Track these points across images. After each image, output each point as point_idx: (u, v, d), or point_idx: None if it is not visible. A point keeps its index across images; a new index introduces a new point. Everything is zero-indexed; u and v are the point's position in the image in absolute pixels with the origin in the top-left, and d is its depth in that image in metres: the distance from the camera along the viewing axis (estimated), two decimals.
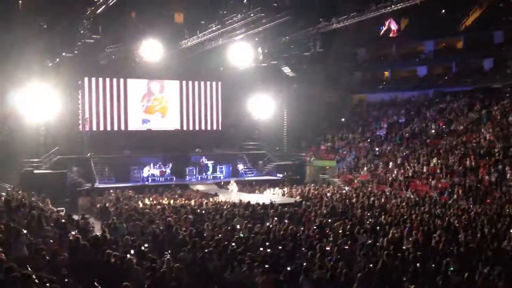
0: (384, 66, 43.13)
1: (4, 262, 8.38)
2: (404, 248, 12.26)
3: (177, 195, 25.28)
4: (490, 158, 25.52)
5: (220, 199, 23.17)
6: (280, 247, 12.13)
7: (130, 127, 33.51)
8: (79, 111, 31.31)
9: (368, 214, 18.07)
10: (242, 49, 29.30)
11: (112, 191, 25.27)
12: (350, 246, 12.36)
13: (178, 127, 35.49)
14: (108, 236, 13.40)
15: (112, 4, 21.62)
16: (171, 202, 22.20)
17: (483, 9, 35.47)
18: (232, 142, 36.69)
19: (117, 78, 32.91)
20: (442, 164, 26.91)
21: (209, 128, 36.76)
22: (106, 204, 21.09)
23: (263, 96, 35.63)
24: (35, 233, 13.01)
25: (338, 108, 41.56)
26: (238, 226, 15.26)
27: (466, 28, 36.81)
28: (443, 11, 37.81)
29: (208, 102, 36.53)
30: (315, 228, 14.88)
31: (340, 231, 14.32)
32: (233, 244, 12.38)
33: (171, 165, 30.87)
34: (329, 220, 16.54)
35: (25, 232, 11.84)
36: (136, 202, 22.21)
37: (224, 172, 32.47)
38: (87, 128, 31.57)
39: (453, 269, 10.26)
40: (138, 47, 26.89)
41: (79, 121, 31.19)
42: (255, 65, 32.63)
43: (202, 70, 34.61)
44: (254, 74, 33.73)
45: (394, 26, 26.49)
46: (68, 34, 25.33)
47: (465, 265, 10.62)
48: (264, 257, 11.28)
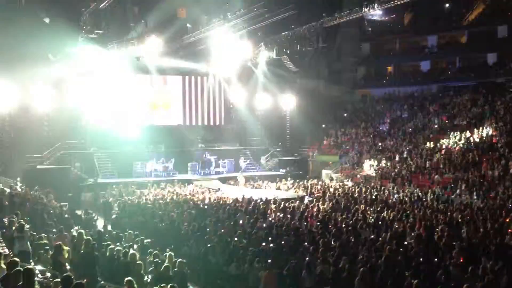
0: (388, 61, 43.00)
1: (7, 257, 8.42)
2: (407, 243, 12.26)
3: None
4: (494, 153, 25.47)
5: (223, 195, 23.20)
6: (283, 242, 12.13)
7: (133, 122, 33.44)
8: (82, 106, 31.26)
9: (371, 209, 18.06)
10: (245, 44, 29.25)
11: (115, 186, 25.31)
12: (353, 241, 12.36)
13: (181, 122, 35.44)
14: (111, 231, 13.48)
15: None
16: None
17: (487, 4, 35.37)
18: (235, 137, 36.68)
19: (120, 73, 32.80)
20: (445, 159, 26.85)
21: (212, 123, 36.73)
22: (109, 199, 21.15)
23: (266, 91, 35.56)
24: (38, 228, 13.09)
25: (341, 103, 41.52)
26: (241, 221, 15.30)
27: (470, 23, 36.71)
28: (447, 6, 37.72)
29: (211, 97, 36.47)
30: (318, 223, 14.90)
31: (343, 226, 14.32)
32: (236, 239, 12.41)
33: (174, 160, 30.88)
34: (332, 215, 16.55)
35: (28, 227, 11.90)
36: (139, 197, 22.23)
37: (227, 167, 32.46)
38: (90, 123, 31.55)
39: (456, 264, 10.25)
40: (141, 42, 26.85)
41: (83, 116, 31.17)
42: (258, 60, 32.61)
43: (204, 65, 34.51)
44: (257, 69, 33.61)
45: None
46: (71, 29, 25.32)
47: (468, 260, 10.60)
48: (267, 252, 11.30)
